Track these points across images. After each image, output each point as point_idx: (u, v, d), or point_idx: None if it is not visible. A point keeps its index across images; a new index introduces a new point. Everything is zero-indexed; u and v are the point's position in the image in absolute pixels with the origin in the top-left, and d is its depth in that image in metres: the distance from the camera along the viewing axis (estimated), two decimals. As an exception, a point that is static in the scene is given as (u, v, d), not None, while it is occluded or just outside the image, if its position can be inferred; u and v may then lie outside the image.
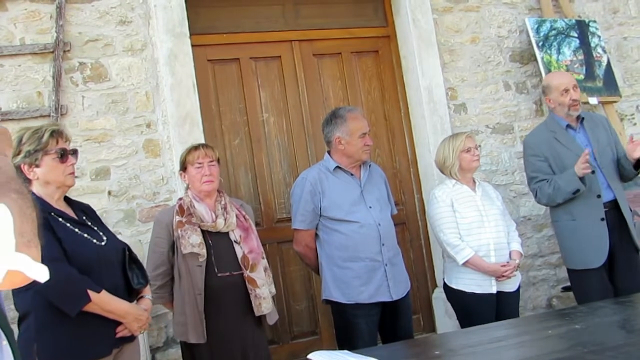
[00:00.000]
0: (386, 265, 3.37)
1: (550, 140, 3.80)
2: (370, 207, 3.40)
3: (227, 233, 3.17)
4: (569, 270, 3.91)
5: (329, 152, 3.54)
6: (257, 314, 3.11)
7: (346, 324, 3.37)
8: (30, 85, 3.74)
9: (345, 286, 3.35)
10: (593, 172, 3.64)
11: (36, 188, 2.54)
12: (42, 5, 3.79)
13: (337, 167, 3.44)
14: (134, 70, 3.96)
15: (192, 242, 3.04)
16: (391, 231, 3.48)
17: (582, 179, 3.59)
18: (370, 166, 3.57)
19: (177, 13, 4.02)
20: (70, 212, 2.62)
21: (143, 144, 3.94)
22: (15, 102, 3.70)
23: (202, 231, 3.11)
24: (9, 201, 1.07)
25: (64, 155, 2.56)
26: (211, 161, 3.20)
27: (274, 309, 3.26)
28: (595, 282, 3.68)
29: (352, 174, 3.46)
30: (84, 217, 2.66)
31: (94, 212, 2.81)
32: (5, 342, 1.33)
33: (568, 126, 3.84)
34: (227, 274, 3.08)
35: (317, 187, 3.39)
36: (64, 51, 3.78)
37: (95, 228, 2.65)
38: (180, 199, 3.24)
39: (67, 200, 2.69)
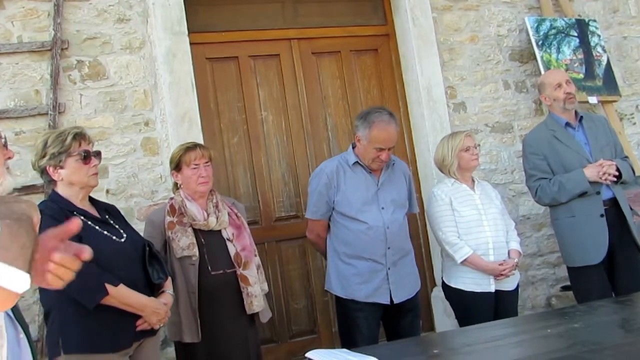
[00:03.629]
0: (389, 268, 3.36)
1: (550, 139, 3.81)
2: (382, 208, 3.38)
3: (220, 231, 3.16)
4: (569, 269, 3.91)
5: (353, 145, 3.49)
6: (248, 312, 3.11)
7: (346, 317, 3.39)
8: (28, 84, 3.73)
9: (345, 281, 3.37)
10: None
11: (61, 189, 2.67)
12: (40, 3, 3.78)
13: (357, 162, 3.42)
14: (132, 69, 3.95)
15: (182, 245, 3.04)
16: (400, 233, 3.44)
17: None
18: (393, 164, 3.52)
19: (175, 11, 4.01)
20: (93, 211, 2.72)
21: (141, 143, 3.93)
22: (13, 100, 3.69)
23: (195, 230, 3.10)
24: (2, 224, 1.11)
25: (87, 157, 2.66)
26: (207, 162, 3.20)
27: (266, 306, 3.25)
28: (595, 279, 3.68)
29: (370, 172, 3.42)
30: (107, 216, 2.76)
31: (117, 211, 2.91)
32: (22, 335, 1.36)
33: (567, 124, 3.85)
34: (221, 271, 3.07)
35: (333, 180, 3.38)
36: (62, 49, 3.78)
37: (117, 226, 2.74)
38: (172, 198, 3.23)
39: (92, 200, 2.79)
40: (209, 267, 3.06)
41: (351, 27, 4.71)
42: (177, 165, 3.22)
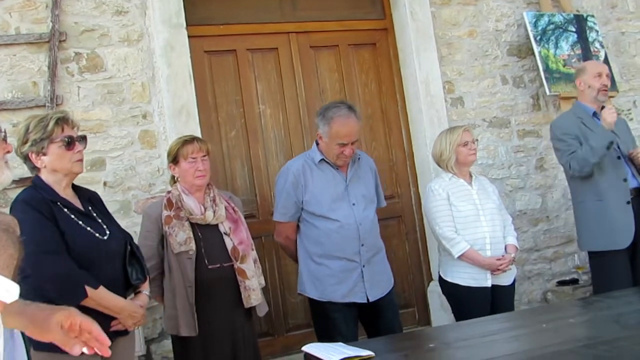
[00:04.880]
0: (364, 266, 3.30)
1: (579, 125, 3.85)
2: (353, 204, 3.32)
3: (217, 225, 3.15)
4: (591, 254, 3.92)
5: (317, 142, 3.43)
6: (246, 305, 3.10)
7: (323, 319, 3.32)
8: (26, 75, 3.72)
9: (319, 283, 3.30)
10: (619, 157, 3.75)
11: (44, 175, 2.56)
12: (37, -6, 3.78)
13: (323, 159, 3.36)
14: (130, 61, 3.94)
15: (179, 240, 3.02)
16: (373, 230, 3.40)
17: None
18: (359, 158, 3.47)
19: (173, 3, 4.01)
20: (76, 201, 2.63)
21: (139, 135, 3.93)
22: (11, 92, 3.68)
23: (192, 224, 3.09)
24: None
25: (70, 142, 2.56)
26: (204, 155, 3.18)
27: (263, 300, 3.25)
28: (620, 264, 3.70)
29: (337, 168, 3.37)
30: (90, 208, 2.67)
31: (100, 201, 2.82)
32: (16, 330, 1.36)
33: (594, 114, 3.89)
34: (218, 265, 3.07)
35: (300, 179, 3.31)
36: (60, 41, 3.77)
37: (100, 220, 2.65)
38: (169, 192, 3.21)
39: (75, 187, 2.70)
40: (206, 261, 3.05)
41: (349, 21, 4.70)
42: (174, 159, 3.21)
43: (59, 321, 1.45)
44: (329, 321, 3.29)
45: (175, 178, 3.24)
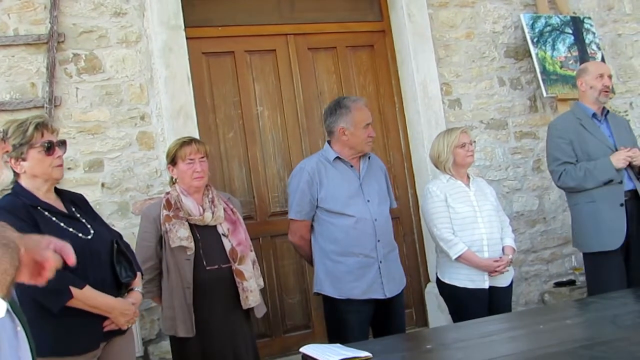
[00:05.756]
0: (380, 262, 3.33)
1: (577, 126, 3.87)
2: (368, 201, 3.36)
3: (215, 226, 3.16)
4: (585, 255, 3.94)
5: (329, 142, 3.48)
6: (244, 307, 3.11)
7: (337, 318, 3.33)
8: (24, 76, 3.73)
9: (338, 281, 3.31)
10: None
11: (24, 181, 2.53)
12: (36, -5, 3.78)
13: (337, 157, 3.40)
14: (128, 63, 3.94)
15: (180, 235, 3.03)
16: (388, 227, 3.44)
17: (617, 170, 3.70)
18: (370, 158, 3.52)
19: (172, 5, 4.01)
20: (59, 204, 2.60)
21: (137, 137, 3.93)
22: (9, 93, 3.68)
23: (190, 225, 3.10)
24: None
25: (50, 147, 2.53)
26: (202, 157, 3.19)
27: (261, 302, 3.26)
28: (613, 265, 3.73)
29: (351, 166, 3.42)
30: (73, 209, 2.64)
31: (85, 202, 2.78)
32: (19, 328, 1.36)
33: (594, 115, 3.91)
34: (216, 267, 3.08)
35: (315, 177, 3.35)
36: (58, 42, 3.77)
37: (84, 220, 2.62)
38: (167, 193, 3.22)
39: (58, 191, 2.66)
40: (204, 262, 3.06)
41: (347, 23, 4.71)
42: (172, 160, 3.22)
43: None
44: (343, 321, 3.30)
45: (174, 179, 3.25)
